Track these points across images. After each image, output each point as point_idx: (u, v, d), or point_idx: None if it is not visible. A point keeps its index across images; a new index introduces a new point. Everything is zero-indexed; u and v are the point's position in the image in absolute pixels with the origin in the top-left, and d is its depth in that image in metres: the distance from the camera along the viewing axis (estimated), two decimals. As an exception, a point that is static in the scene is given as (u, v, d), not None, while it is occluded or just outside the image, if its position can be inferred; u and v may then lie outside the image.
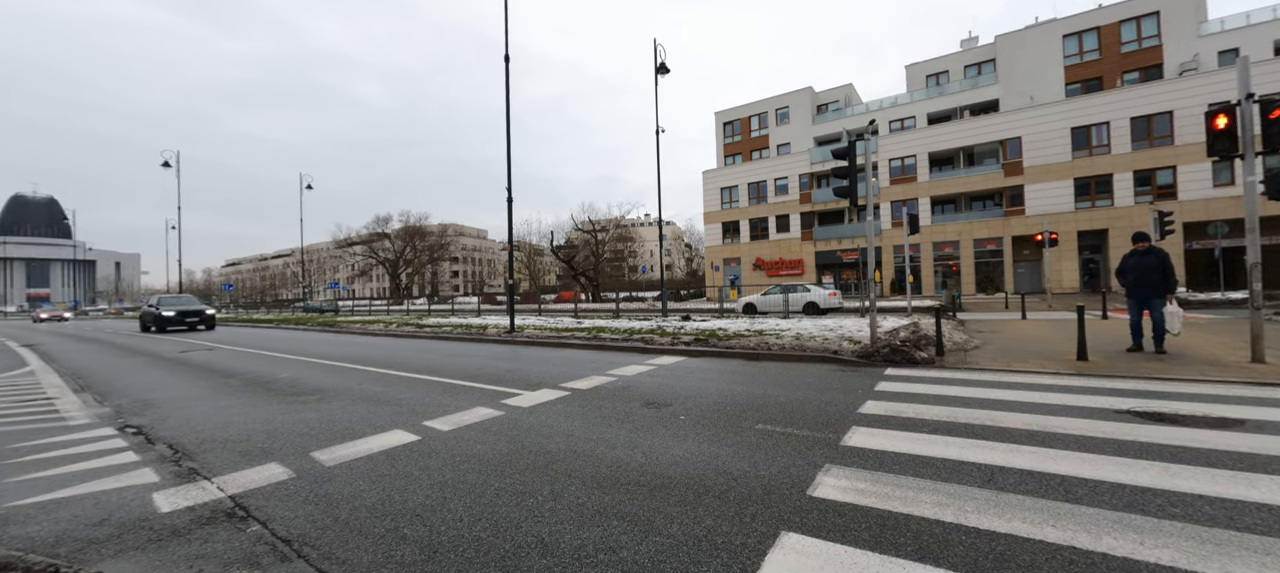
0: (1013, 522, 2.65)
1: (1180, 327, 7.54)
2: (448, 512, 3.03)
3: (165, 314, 20.83)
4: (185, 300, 23.36)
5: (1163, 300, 7.53)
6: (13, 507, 3.32)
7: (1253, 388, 5.37)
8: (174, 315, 21.01)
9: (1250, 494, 2.87)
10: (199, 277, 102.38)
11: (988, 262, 31.93)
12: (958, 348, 8.71)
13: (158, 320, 20.74)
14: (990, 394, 5.47)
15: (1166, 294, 7.51)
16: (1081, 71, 32.53)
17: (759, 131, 45.52)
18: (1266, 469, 3.23)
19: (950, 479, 3.24)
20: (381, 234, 64.07)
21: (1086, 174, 28.76)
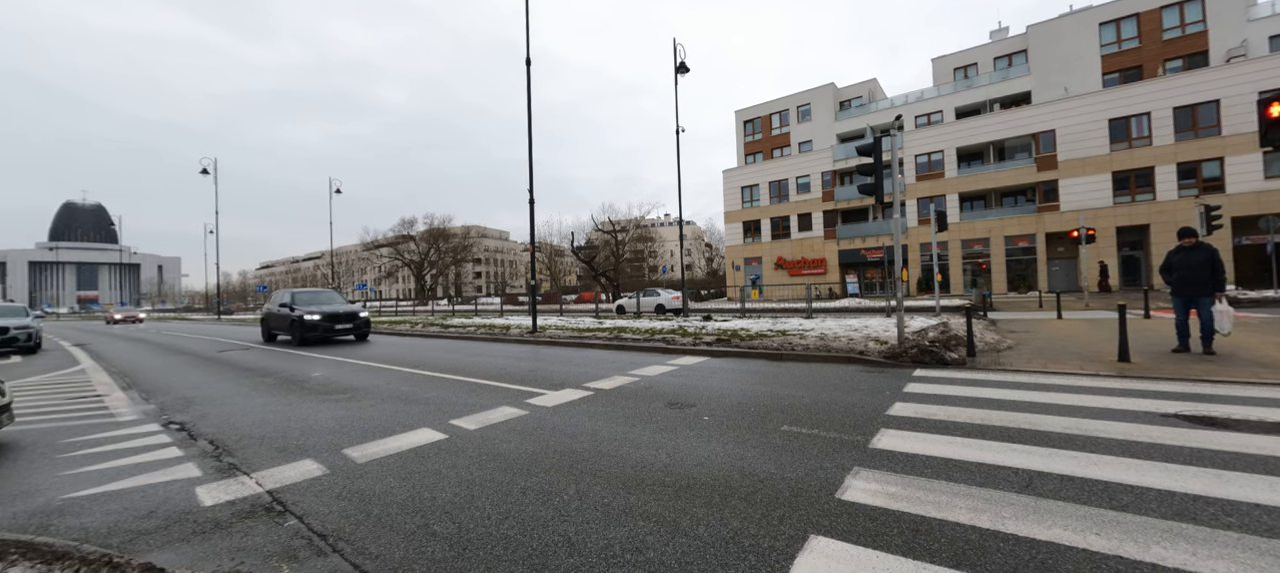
0: (1053, 529, 2.56)
1: (1231, 326, 7.16)
2: (476, 509, 3.07)
3: (309, 318, 13.95)
4: (327, 297, 16.05)
5: (1211, 299, 7.17)
6: (68, 499, 3.49)
7: (1313, 391, 5.07)
8: (319, 320, 14.03)
9: (1314, 504, 2.71)
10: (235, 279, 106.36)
11: (1020, 259, 30.91)
12: (990, 348, 8.45)
13: (298, 328, 13.97)
14: (1026, 396, 5.29)
15: (1215, 292, 7.15)
16: (1120, 61, 31.22)
17: (780, 129, 44.99)
18: (1331, 478, 3.04)
19: (986, 484, 3.15)
20: (407, 236, 65.49)
21: (1126, 167, 27.59)
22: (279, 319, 15.17)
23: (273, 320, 15.69)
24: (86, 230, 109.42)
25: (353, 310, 15.15)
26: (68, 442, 4.95)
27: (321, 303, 15.30)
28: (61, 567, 2.32)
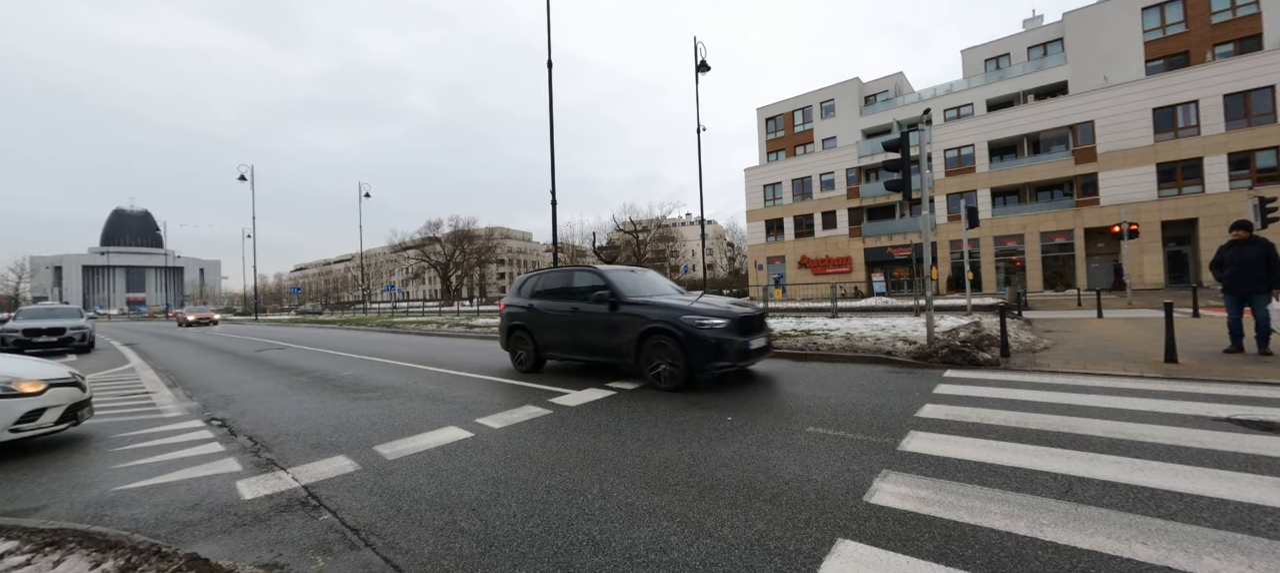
0: (1096, 538, 2.46)
1: None
2: (502, 507, 3.12)
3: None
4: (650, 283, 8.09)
5: (1267, 297, 6.77)
6: (120, 491, 3.68)
7: (1383, 395, 4.74)
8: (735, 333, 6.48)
9: (1386, 516, 2.53)
10: (270, 281, 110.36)
11: (1056, 256, 29.76)
12: (1025, 349, 8.16)
13: None
14: (1064, 398, 5.10)
15: (1272, 290, 6.75)
16: (1164, 47, 29.74)
17: (803, 126, 44.34)
18: (1405, 488, 2.84)
19: (1022, 489, 3.04)
20: (433, 238, 66.86)
21: (1172, 158, 26.27)
22: None
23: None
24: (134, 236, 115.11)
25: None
26: (119, 436, 5.21)
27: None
28: (114, 556, 2.44)
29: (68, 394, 4.80)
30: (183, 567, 2.35)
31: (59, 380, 4.80)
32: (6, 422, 4.35)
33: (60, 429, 4.75)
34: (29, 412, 4.45)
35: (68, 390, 4.82)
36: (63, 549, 2.52)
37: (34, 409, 4.48)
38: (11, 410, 4.38)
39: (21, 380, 4.54)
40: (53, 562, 2.41)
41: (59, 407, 4.67)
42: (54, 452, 4.64)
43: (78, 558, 2.43)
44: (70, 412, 4.81)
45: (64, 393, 4.76)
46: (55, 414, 4.63)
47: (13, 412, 4.38)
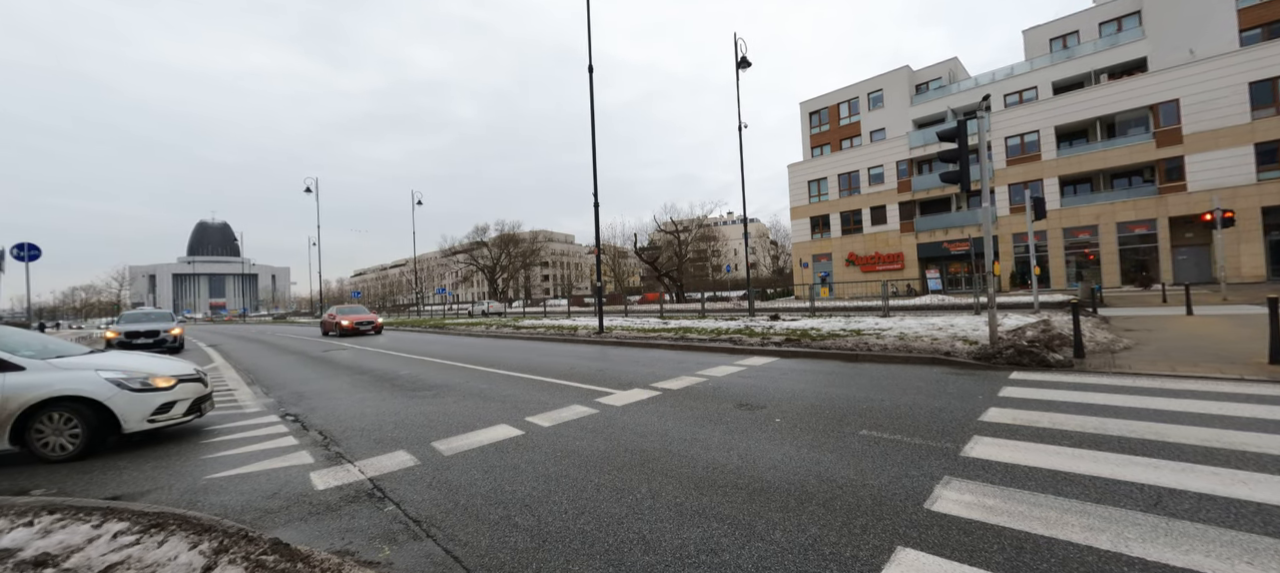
0: (1192, 555, 2.25)
1: None
2: (553, 504, 3.19)
3: None
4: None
5: None
6: (210, 479, 4.02)
7: None
8: None
9: None
10: (333, 286, 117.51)
11: (1136, 248, 27.35)
12: (1102, 349, 7.56)
13: None
14: (1149, 403, 4.69)
15: None
16: (1263, 14, 26.74)
17: (849, 118, 42.84)
18: None
19: (1103, 500, 2.82)
20: (480, 243, 69.19)
21: (1273, 137, 23.58)
22: None
23: None
24: (215, 246, 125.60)
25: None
26: (209, 430, 5.69)
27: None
28: (209, 538, 2.67)
29: (193, 389, 5.30)
30: (267, 550, 2.54)
31: (186, 376, 5.32)
32: (144, 413, 4.80)
33: (187, 421, 5.23)
34: (162, 404, 4.92)
35: (193, 386, 5.33)
36: (165, 530, 2.79)
37: (166, 403, 4.95)
38: (149, 403, 4.85)
39: (156, 376, 5.03)
40: (158, 541, 2.67)
41: (186, 400, 5.14)
42: (155, 444, 5.12)
43: (178, 539, 2.68)
44: (195, 405, 5.29)
45: (190, 388, 5.26)
46: (183, 407, 5.11)
47: (150, 404, 4.85)
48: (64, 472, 4.35)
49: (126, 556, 2.55)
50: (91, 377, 4.71)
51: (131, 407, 4.74)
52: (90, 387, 4.63)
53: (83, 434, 4.57)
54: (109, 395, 4.66)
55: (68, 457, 4.53)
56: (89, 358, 5.26)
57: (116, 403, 4.68)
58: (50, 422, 4.55)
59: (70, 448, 4.57)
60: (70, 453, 4.55)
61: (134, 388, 4.80)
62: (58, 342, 6.02)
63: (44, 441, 4.53)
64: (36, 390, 4.49)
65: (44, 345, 5.48)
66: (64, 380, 4.62)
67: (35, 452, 4.52)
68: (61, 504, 3.26)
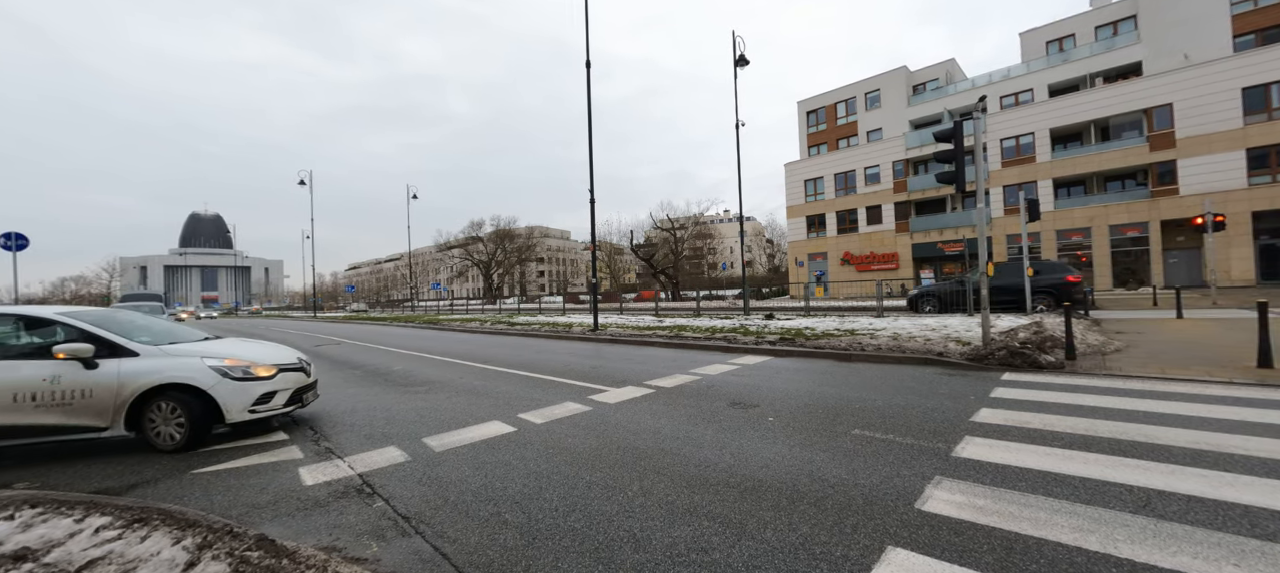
0: (1180, 557, 2.26)
1: None
2: (544, 501, 3.17)
3: None
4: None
5: None
6: (196, 473, 3.98)
7: None
8: None
9: None
10: (327, 280, 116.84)
11: (1128, 251, 27.58)
12: (1093, 351, 7.61)
13: None
14: (1139, 405, 4.72)
15: None
16: (1256, 20, 26.95)
17: (846, 118, 42.90)
18: None
19: (1092, 501, 2.83)
20: (475, 238, 68.92)
21: (1264, 142, 23.80)
22: None
23: None
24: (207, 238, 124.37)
25: None
26: (196, 423, 5.62)
27: None
28: (193, 533, 2.63)
29: (294, 379, 5.09)
30: (252, 546, 2.51)
31: (288, 365, 5.12)
32: (245, 403, 4.63)
33: (288, 411, 5.04)
34: (263, 394, 4.73)
35: (294, 375, 5.11)
36: (149, 525, 2.75)
37: (267, 392, 4.76)
38: (250, 392, 4.68)
39: (258, 364, 4.85)
40: (141, 536, 2.63)
41: (287, 390, 4.95)
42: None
43: (162, 534, 2.64)
44: (296, 395, 5.08)
45: (291, 378, 5.04)
46: (284, 397, 4.92)
47: (251, 393, 4.68)
48: (99, 467, 4.29)
49: (108, 551, 2.51)
50: (196, 364, 4.57)
51: (233, 396, 4.58)
52: (195, 374, 4.50)
53: (187, 423, 4.43)
54: (212, 384, 4.50)
55: (176, 447, 4.41)
56: (196, 345, 5.10)
57: (219, 392, 4.53)
58: (159, 410, 4.44)
59: (177, 438, 4.43)
60: (177, 443, 4.42)
61: (236, 377, 4.63)
62: (176, 327, 5.84)
63: (155, 429, 4.44)
64: (147, 377, 4.38)
65: (161, 331, 5.34)
66: (172, 368, 4.50)
67: (149, 440, 4.45)
68: (43, 497, 3.21)
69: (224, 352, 4.90)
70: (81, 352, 4.28)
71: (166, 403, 4.44)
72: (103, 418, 4.29)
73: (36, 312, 4.78)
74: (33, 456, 4.48)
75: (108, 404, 4.29)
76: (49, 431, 4.21)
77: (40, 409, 4.19)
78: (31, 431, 4.19)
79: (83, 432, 4.27)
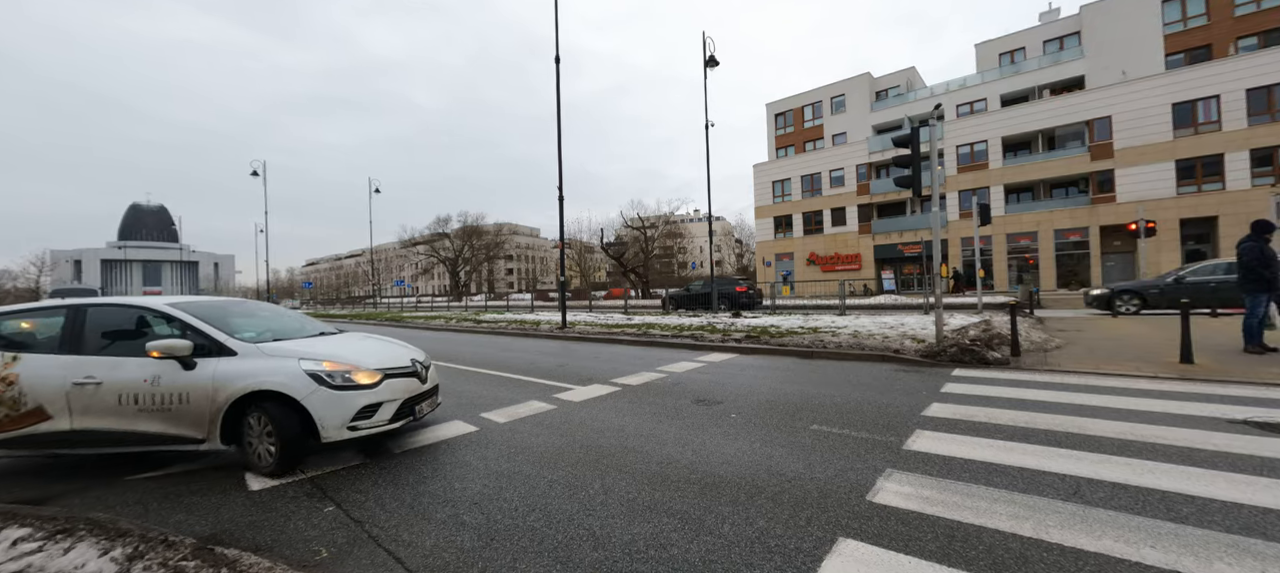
0: (1103, 540, 2.41)
1: None
2: (504, 501, 3.13)
3: None
4: None
5: (1252, 297, 6.78)
6: (130, 480, 3.74)
7: None
8: None
9: (1406, 522, 2.46)
10: (283, 275, 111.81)
11: (1071, 254, 29.27)
12: (1036, 348, 8.05)
13: None
14: (1075, 399, 5.02)
15: (1253, 289, 6.76)
16: (1185, 40, 29.03)
17: (813, 121, 43.93)
18: None
19: (1029, 490, 3.00)
20: (442, 234, 67.30)
21: (1191, 154, 25.68)
22: None
23: None
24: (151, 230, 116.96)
25: None
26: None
27: None
28: (123, 543, 2.48)
29: (404, 387, 4.19)
30: (189, 555, 2.38)
31: (397, 369, 4.22)
32: (344, 417, 3.77)
33: (395, 427, 4.07)
34: (365, 407, 3.85)
35: (404, 383, 4.20)
36: (73, 536, 2.58)
37: (369, 405, 3.88)
38: (349, 404, 3.80)
39: (359, 370, 3.96)
40: (63, 548, 2.46)
41: (394, 402, 4.05)
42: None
43: (87, 545, 2.48)
44: (407, 406, 4.16)
45: (400, 386, 4.15)
46: (390, 410, 4.01)
47: (350, 406, 3.80)
48: None
49: (26, 564, 2.34)
50: (291, 368, 3.78)
51: (328, 409, 3.72)
52: (287, 381, 3.71)
53: (278, 441, 3.65)
54: (306, 393, 3.69)
55: (269, 469, 3.67)
56: (301, 343, 4.28)
57: (313, 403, 3.69)
58: (254, 424, 3.75)
59: (268, 458, 3.69)
60: (269, 465, 3.68)
61: (334, 385, 3.79)
62: (290, 319, 5.04)
63: (250, 444, 3.76)
64: (241, 382, 3.70)
65: (270, 324, 4.64)
66: (265, 372, 3.76)
67: (247, 458, 3.79)
68: (-47, 510, 2.96)
69: (325, 352, 4.06)
70: (177, 350, 3.70)
71: (260, 415, 3.73)
72: (199, 428, 3.71)
73: (141, 302, 4.21)
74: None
75: (204, 412, 3.70)
76: (150, 439, 3.74)
77: (143, 415, 3.71)
78: (134, 438, 3.74)
79: (181, 443, 3.73)
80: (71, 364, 3.81)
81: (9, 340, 4.06)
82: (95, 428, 3.74)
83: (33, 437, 3.79)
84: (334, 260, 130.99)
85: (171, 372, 3.72)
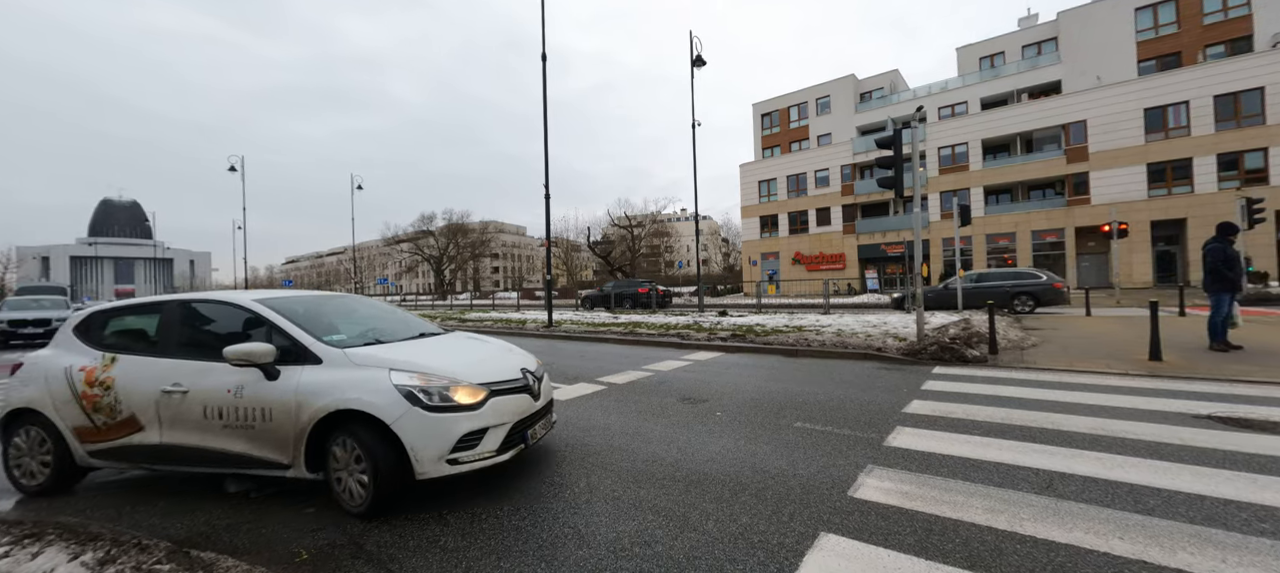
0: (1074, 532, 2.49)
1: None
2: (488, 500, 3.11)
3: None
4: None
5: (1217, 296, 7.05)
6: (102, 482, 3.64)
7: (1360, 393, 4.83)
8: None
9: (1356, 511, 2.58)
10: (262, 274, 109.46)
11: (1048, 254, 29.99)
12: (1013, 346, 8.24)
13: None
14: (1049, 395, 5.15)
15: (1217, 289, 7.02)
16: (1157, 47, 29.93)
17: (799, 122, 44.35)
18: (1376, 484, 2.89)
19: (1004, 484, 3.08)
20: (427, 232, 66.51)
21: (1162, 158, 26.50)
22: None
23: None
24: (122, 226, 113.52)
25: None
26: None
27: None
28: (94, 547, 2.42)
29: (513, 406, 3.29)
30: (163, 558, 2.33)
31: (505, 384, 3.30)
32: (442, 447, 2.93)
33: (503, 458, 3.17)
34: (467, 434, 3.00)
35: (514, 400, 3.31)
36: (42, 541, 2.50)
37: (472, 431, 3.02)
38: (447, 431, 2.95)
39: (459, 385, 3.08)
40: (31, 553, 2.39)
41: (502, 425, 3.17)
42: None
43: (57, 550, 2.41)
44: (517, 430, 3.29)
45: (508, 405, 3.25)
46: (498, 437, 3.14)
47: (449, 432, 2.95)
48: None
49: (-9, 571, 2.27)
50: (379, 381, 3.00)
51: (423, 436, 2.90)
52: (374, 398, 2.93)
53: (370, 474, 2.88)
54: (396, 415, 2.89)
55: (358, 509, 2.93)
56: (391, 349, 3.40)
57: (405, 428, 2.88)
58: (340, 451, 3.00)
59: (360, 496, 2.92)
60: (359, 505, 2.92)
61: (430, 404, 2.96)
62: (392, 316, 4.26)
63: (338, 476, 3.01)
64: (323, 398, 2.99)
65: (367, 324, 3.90)
66: (349, 385, 3.00)
67: (334, 493, 3.03)
68: (-88, 515, 2.86)
69: (421, 362, 3.18)
70: (257, 356, 3.03)
71: (346, 439, 2.98)
72: (283, 451, 3.06)
73: (229, 297, 3.60)
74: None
75: (287, 433, 3.03)
76: (235, 460, 3.16)
77: (227, 431, 3.15)
78: (220, 458, 3.19)
79: (267, 467, 3.11)
80: (161, 369, 3.35)
81: (108, 341, 3.66)
82: (182, 444, 3.25)
83: (127, 449, 3.38)
84: (315, 258, 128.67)
85: (254, 382, 3.10)
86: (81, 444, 3.46)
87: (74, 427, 3.45)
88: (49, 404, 3.51)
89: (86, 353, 3.59)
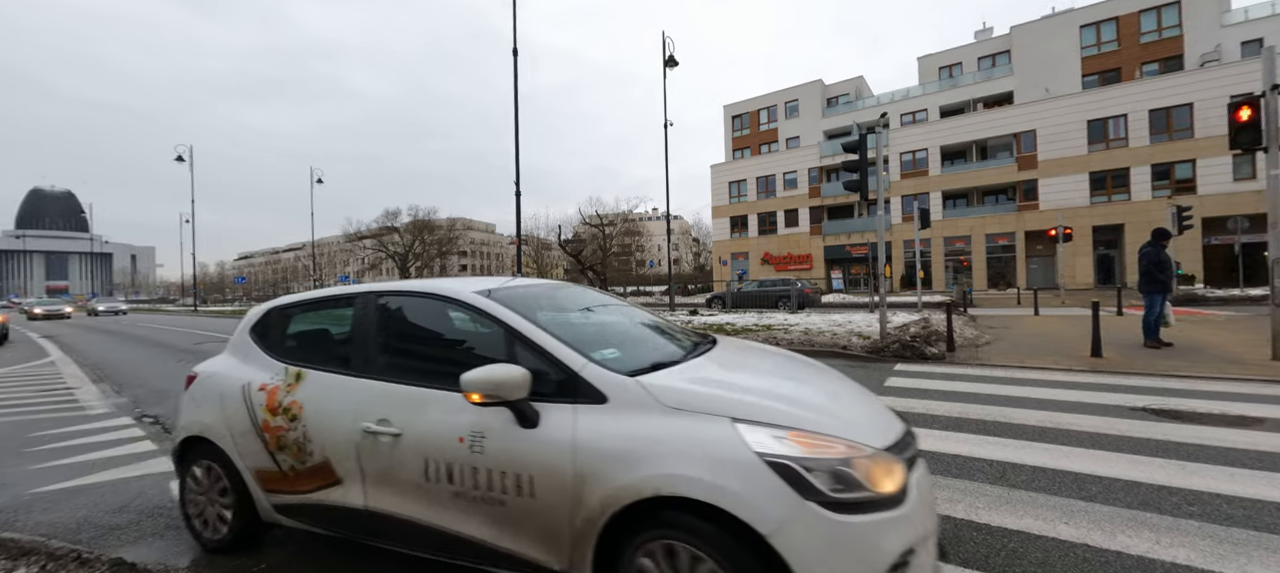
0: (1024, 519, 2.63)
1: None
2: (458, 503, 3.05)
3: None
4: None
5: (1150, 297, 7.62)
6: (36, 493, 3.40)
7: (1273, 386, 5.27)
8: None
9: (1270, 494, 2.82)
10: (212, 270, 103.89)
11: (1000, 257, 31.54)
12: (969, 344, 8.63)
13: None
14: (1001, 390, 5.42)
15: (1150, 290, 7.59)
16: (1099, 63, 31.88)
17: (768, 125, 45.18)
18: (1287, 468, 3.17)
19: (961, 475, 3.22)
20: (391, 228, 64.54)
21: (1103, 168, 28.25)
22: None
23: None
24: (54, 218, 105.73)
25: None
26: (36, 435, 4.81)
27: None
28: (27, 562, 2.26)
29: (927, 496, 1.83)
30: (105, 571, 2.19)
31: (907, 448, 1.89)
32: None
33: None
34: (900, 557, 1.56)
35: (927, 481, 1.91)
36: (-34, 558, 2.31)
37: (905, 553, 1.57)
38: (875, 552, 1.53)
39: (861, 451, 1.65)
40: (-47, 572, 2.21)
41: (930, 536, 1.76)
42: (-43, 453, 4.23)
43: (-17, 567, 2.24)
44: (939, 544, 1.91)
45: (926, 489, 1.85)
46: (932, 552, 1.77)
47: (879, 556, 1.53)
48: None
49: (-94, 591, 2.09)
50: (722, 441, 1.65)
51: (830, 561, 1.50)
52: (720, 477, 1.58)
53: None
54: (778, 518, 1.50)
55: None
56: (696, 378, 2.03)
57: (795, 542, 1.48)
58: (651, 567, 1.67)
59: None
60: None
61: (832, 497, 1.53)
62: (626, 315, 2.93)
63: None
64: (628, 474, 1.68)
65: (618, 330, 2.64)
66: (669, 444, 1.68)
67: None
68: None
69: (775, 403, 1.83)
70: (509, 386, 1.83)
71: (666, 545, 1.65)
72: (553, 550, 1.83)
73: (446, 288, 2.35)
74: None
75: (559, 521, 1.79)
76: (474, 550, 1.97)
77: (459, 503, 1.97)
78: (450, 543, 2.02)
79: (529, 570, 1.89)
80: (360, 395, 2.24)
81: (290, 348, 2.63)
82: (395, 513, 2.11)
83: (321, 509, 2.30)
84: (270, 254, 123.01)
85: (502, 428, 1.89)
86: (265, 494, 2.43)
87: (255, 469, 2.43)
88: (226, 435, 2.51)
89: (267, 365, 2.55)
